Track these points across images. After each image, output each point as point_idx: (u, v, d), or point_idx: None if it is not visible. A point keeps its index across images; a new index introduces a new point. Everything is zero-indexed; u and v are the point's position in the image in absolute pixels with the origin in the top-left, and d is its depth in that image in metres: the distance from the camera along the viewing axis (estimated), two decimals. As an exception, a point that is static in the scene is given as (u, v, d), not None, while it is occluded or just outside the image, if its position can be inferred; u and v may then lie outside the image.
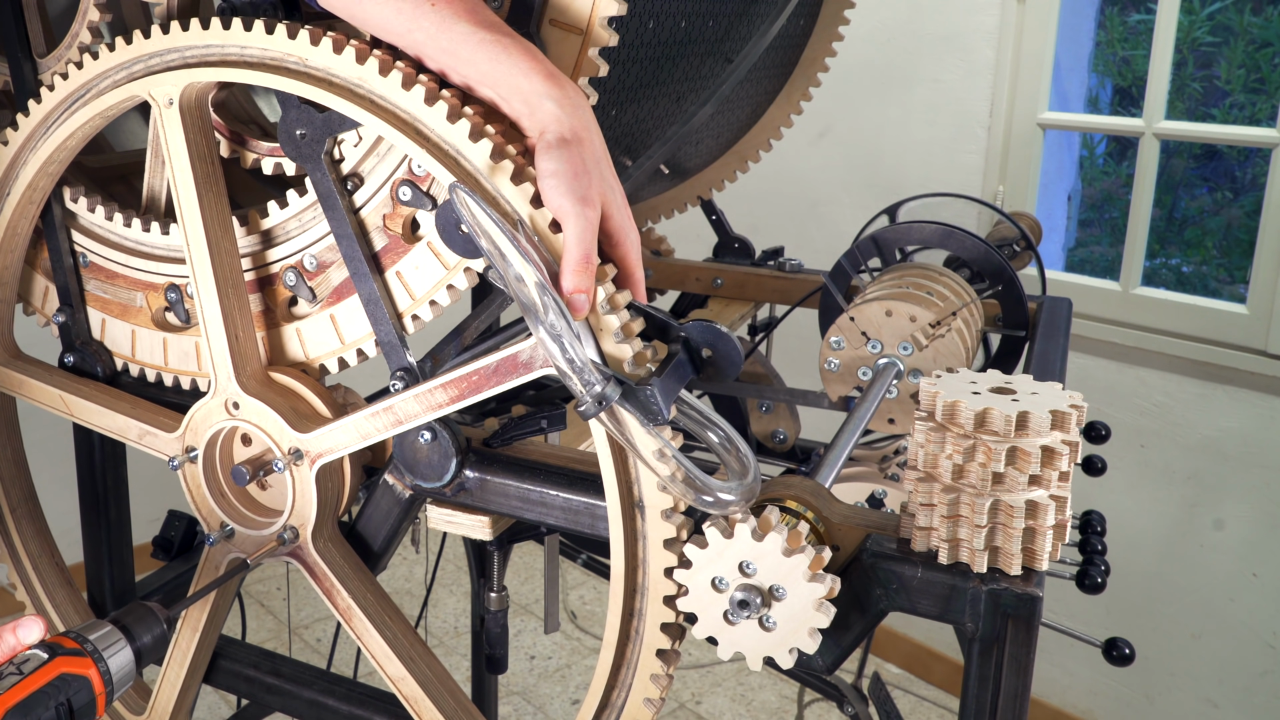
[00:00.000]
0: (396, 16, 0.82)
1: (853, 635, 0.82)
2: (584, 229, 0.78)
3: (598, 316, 0.78)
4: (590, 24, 0.87)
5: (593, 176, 0.80)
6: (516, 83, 0.81)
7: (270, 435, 0.96)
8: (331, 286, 0.96)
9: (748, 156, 1.58)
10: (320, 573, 0.98)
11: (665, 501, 0.81)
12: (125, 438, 1.07)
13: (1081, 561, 0.93)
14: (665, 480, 0.78)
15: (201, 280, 0.95)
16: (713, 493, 0.77)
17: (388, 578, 3.30)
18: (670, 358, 0.83)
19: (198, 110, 0.95)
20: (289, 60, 0.88)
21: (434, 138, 0.83)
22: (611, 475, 0.82)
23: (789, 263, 1.55)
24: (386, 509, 0.98)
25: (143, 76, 0.95)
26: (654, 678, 0.85)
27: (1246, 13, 3.02)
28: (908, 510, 0.81)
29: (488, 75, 0.82)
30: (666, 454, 0.77)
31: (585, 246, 0.78)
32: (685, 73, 1.18)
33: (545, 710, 2.77)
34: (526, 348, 0.82)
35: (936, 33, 2.60)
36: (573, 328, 0.76)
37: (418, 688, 0.97)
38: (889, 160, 2.75)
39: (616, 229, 0.82)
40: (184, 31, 0.92)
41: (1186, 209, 3.26)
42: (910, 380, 1.17)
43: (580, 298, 0.77)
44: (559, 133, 0.80)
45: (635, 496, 0.82)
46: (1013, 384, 0.81)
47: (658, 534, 0.82)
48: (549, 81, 0.80)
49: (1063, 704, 2.64)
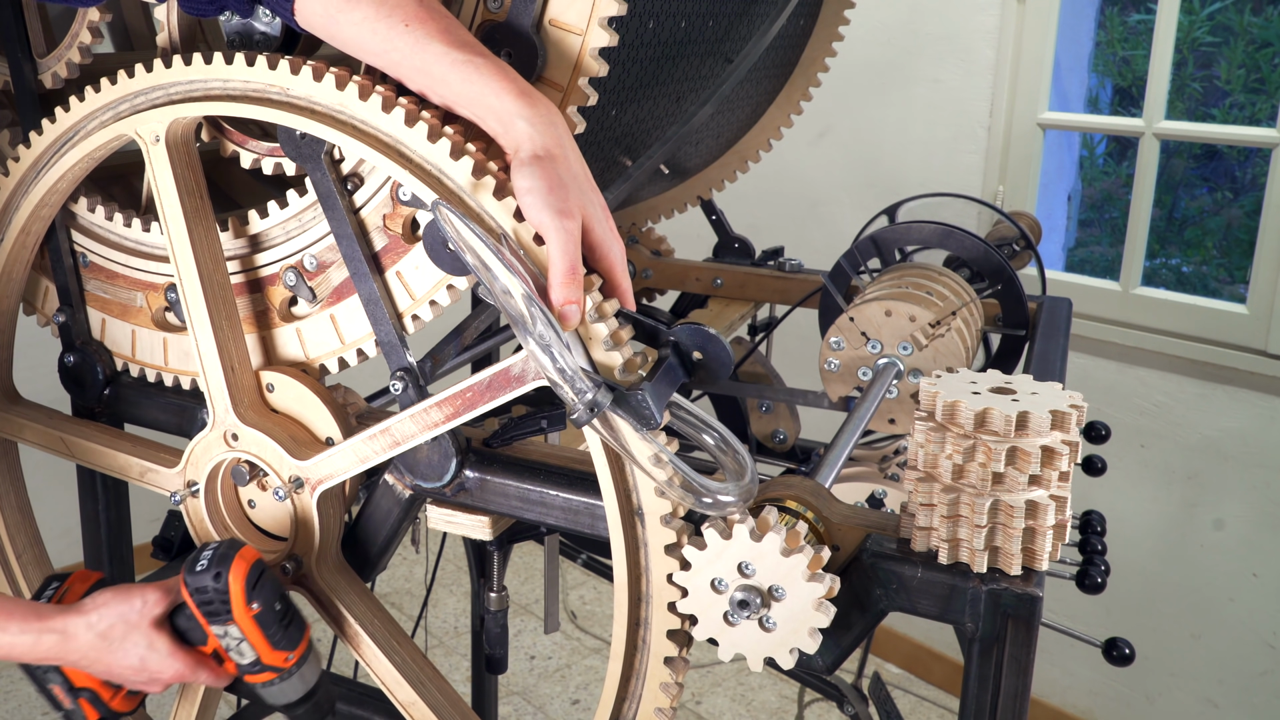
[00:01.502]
0: (372, 38, 0.83)
1: (853, 635, 0.82)
2: (566, 241, 0.78)
3: (586, 325, 0.79)
4: (590, 24, 0.87)
5: (570, 189, 0.80)
6: (489, 102, 0.82)
7: (270, 465, 0.96)
8: (331, 286, 0.96)
9: (748, 156, 1.58)
10: (327, 601, 0.98)
11: (664, 507, 0.81)
12: (128, 476, 1.08)
13: (1081, 561, 0.93)
14: (663, 485, 0.78)
15: (196, 314, 0.95)
16: (711, 494, 0.77)
17: (388, 578, 3.30)
18: (660, 362, 0.83)
19: (184, 146, 0.95)
20: (271, 91, 0.89)
21: (416, 158, 0.84)
22: (609, 483, 0.82)
23: (789, 263, 1.55)
24: (386, 509, 0.98)
25: (129, 115, 0.96)
26: (664, 686, 0.85)
27: (1246, 13, 3.02)
28: (908, 510, 0.81)
29: (462, 95, 0.83)
30: (663, 459, 0.77)
31: (569, 258, 0.78)
32: (685, 73, 1.18)
33: (545, 710, 2.77)
34: (518, 361, 0.83)
35: (936, 33, 2.60)
36: (562, 338, 0.76)
37: (429, 712, 0.96)
38: (889, 160, 2.75)
39: (599, 240, 0.83)
40: (167, 69, 0.93)
41: (1186, 209, 3.26)
42: (910, 380, 1.17)
43: (571, 309, 0.78)
44: (532, 150, 0.81)
45: (634, 504, 0.82)
46: (1013, 384, 0.81)
47: (658, 540, 0.82)
48: (520, 100, 0.81)
49: (1063, 704, 2.64)
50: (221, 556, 0.87)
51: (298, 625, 0.91)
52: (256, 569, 0.87)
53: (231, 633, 0.88)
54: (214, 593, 0.86)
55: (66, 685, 0.93)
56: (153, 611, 0.90)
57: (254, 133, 1.02)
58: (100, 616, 0.88)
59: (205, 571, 0.86)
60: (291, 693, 0.92)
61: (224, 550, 0.87)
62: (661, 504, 0.81)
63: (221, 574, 0.86)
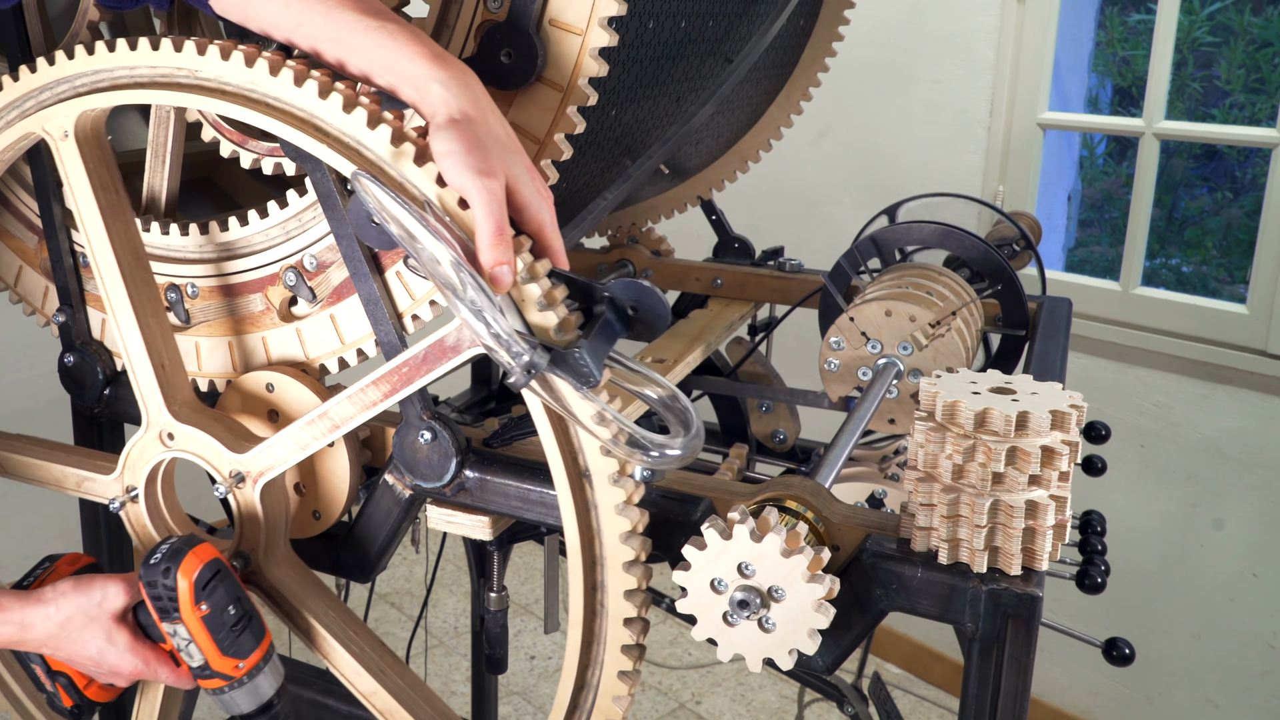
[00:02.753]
0: (285, 11, 0.82)
1: (853, 635, 0.82)
2: (489, 200, 0.76)
3: (519, 287, 0.77)
4: (590, 24, 0.87)
5: (490, 150, 0.78)
6: (404, 68, 0.80)
7: (209, 461, 0.94)
8: (331, 286, 0.96)
9: (748, 156, 1.58)
10: (278, 596, 0.96)
11: (611, 466, 0.80)
12: (64, 488, 1.04)
13: (1081, 561, 0.93)
14: (608, 443, 0.77)
15: (120, 312, 0.93)
16: (659, 449, 0.76)
17: (388, 578, 3.30)
18: (596, 319, 0.80)
19: (95, 140, 0.92)
20: (180, 75, 0.87)
21: (334, 131, 0.82)
22: (555, 448, 0.80)
23: (789, 263, 1.54)
24: (386, 509, 0.98)
25: (34, 113, 0.93)
26: (625, 648, 0.84)
27: (1246, 13, 3.02)
28: (908, 510, 0.81)
29: (377, 63, 0.81)
30: (606, 416, 0.76)
31: (495, 219, 0.76)
32: (685, 73, 1.18)
33: (545, 710, 2.77)
34: (453, 330, 0.81)
35: (936, 33, 2.60)
36: (494, 301, 0.74)
37: (391, 700, 0.95)
38: (889, 160, 2.75)
39: (525, 200, 0.80)
40: (70, 60, 0.90)
41: (1186, 209, 3.26)
42: (910, 380, 1.17)
43: (501, 270, 0.75)
44: (448, 113, 0.79)
45: (581, 466, 0.81)
46: (1013, 384, 0.81)
47: (608, 500, 0.80)
48: (434, 64, 0.80)
49: (1063, 704, 2.64)
50: (174, 552, 0.85)
51: (253, 633, 0.88)
52: (210, 568, 0.85)
53: (180, 632, 0.85)
54: (163, 589, 0.84)
55: (46, 668, 0.92)
56: (113, 605, 0.88)
57: (254, 132, 1.02)
58: (58, 608, 0.87)
59: (156, 566, 0.84)
60: (243, 703, 0.88)
61: (178, 546, 0.85)
62: (609, 463, 0.80)
63: (171, 570, 0.84)
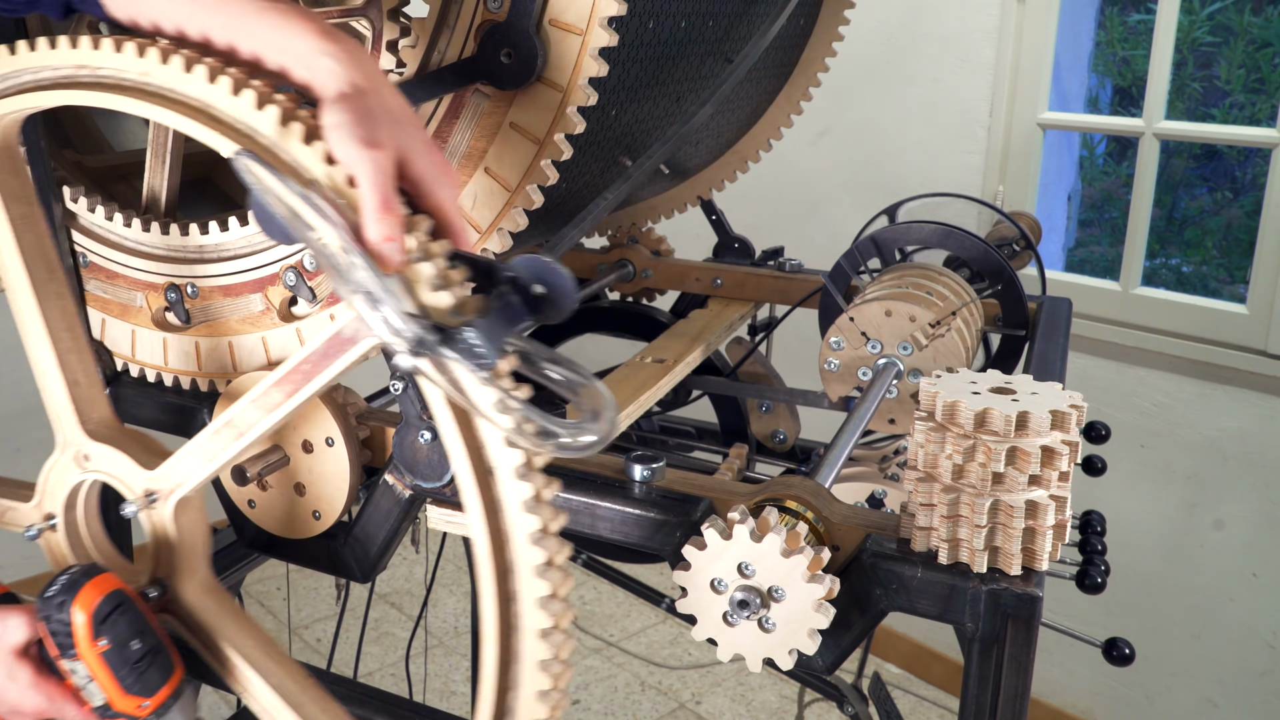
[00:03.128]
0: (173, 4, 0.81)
1: (853, 635, 0.82)
2: (373, 172, 0.72)
3: (411, 266, 0.71)
4: (590, 24, 0.87)
5: (379, 121, 0.75)
6: (293, 46, 0.78)
7: (123, 482, 0.89)
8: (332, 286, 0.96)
9: (748, 156, 1.58)
10: (196, 626, 0.88)
11: (516, 458, 0.72)
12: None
13: (1081, 561, 0.93)
14: (511, 434, 0.70)
15: (31, 329, 0.89)
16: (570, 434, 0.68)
17: (388, 578, 3.30)
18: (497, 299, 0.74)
19: (3, 149, 0.89)
20: (82, 74, 0.84)
21: (226, 118, 0.79)
22: (459, 443, 0.73)
23: (789, 263, 1.55)
24: (386, 509, 0.98)
25: None
26: (543, 664, 0.75)
27: (1246, 13, 3.02)
28: (908, 510, 0.81)
29: (268, 44, 0.79)
30: (510, 405, 0.69)
31: (381, 190, 0.72)
32: (685, 73, 1.18)
33: (545, 710, 2.77)
34: (350, 321, 0.76)
35: (936, 33, 2.60)
36: (381, 281, 0.69)
37: None
38: (889, 160, 2.75)
39: (423, 175, 0.76)
40: None
41: (1186, 209, 3.26)
42: (910, 380, 1.17)
43: (389, 245, 0.70)
44: (338, 88, 0.76)
45: (486, 461, 0.73)
46: (1013, 384, 0.81)
47: (515, 497, 0.73)
48: (323, 39, 0.78)
49: (1063, 704, 2.64)
50: (71, 584, 0.78)
51: (160, 669, 0.81)
52: (111, 600, 0.79)
53: (79, 670, 0.78)
54: (58, 624, 0.78)
55: None
56: (13, 639, 0.81)
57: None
58: None
59: (52, 599, 0.78)
60: None
61: (76, 576, 0.79)
62: (513, 455, 0.72)
63: (66, 603, 0.77)
